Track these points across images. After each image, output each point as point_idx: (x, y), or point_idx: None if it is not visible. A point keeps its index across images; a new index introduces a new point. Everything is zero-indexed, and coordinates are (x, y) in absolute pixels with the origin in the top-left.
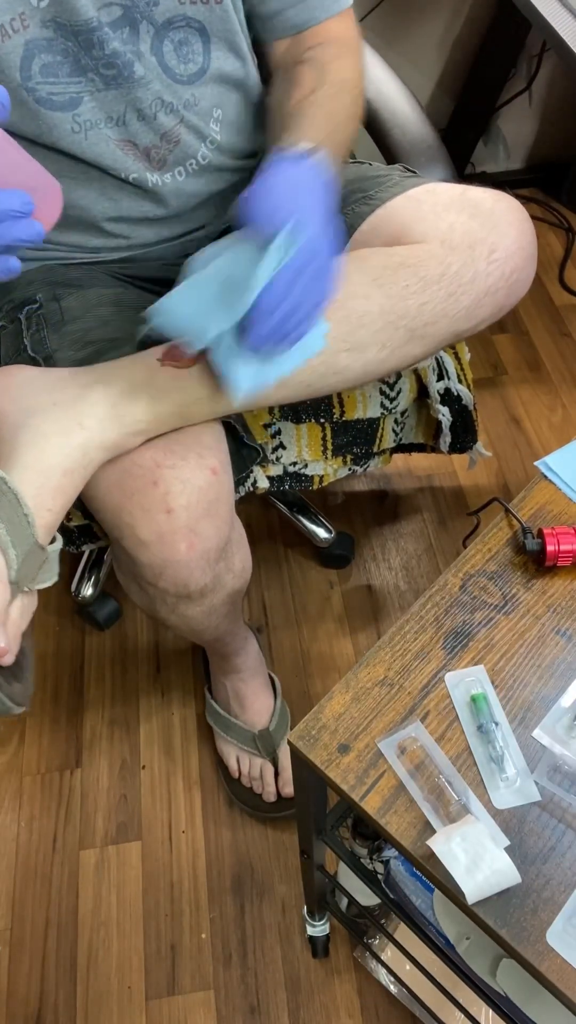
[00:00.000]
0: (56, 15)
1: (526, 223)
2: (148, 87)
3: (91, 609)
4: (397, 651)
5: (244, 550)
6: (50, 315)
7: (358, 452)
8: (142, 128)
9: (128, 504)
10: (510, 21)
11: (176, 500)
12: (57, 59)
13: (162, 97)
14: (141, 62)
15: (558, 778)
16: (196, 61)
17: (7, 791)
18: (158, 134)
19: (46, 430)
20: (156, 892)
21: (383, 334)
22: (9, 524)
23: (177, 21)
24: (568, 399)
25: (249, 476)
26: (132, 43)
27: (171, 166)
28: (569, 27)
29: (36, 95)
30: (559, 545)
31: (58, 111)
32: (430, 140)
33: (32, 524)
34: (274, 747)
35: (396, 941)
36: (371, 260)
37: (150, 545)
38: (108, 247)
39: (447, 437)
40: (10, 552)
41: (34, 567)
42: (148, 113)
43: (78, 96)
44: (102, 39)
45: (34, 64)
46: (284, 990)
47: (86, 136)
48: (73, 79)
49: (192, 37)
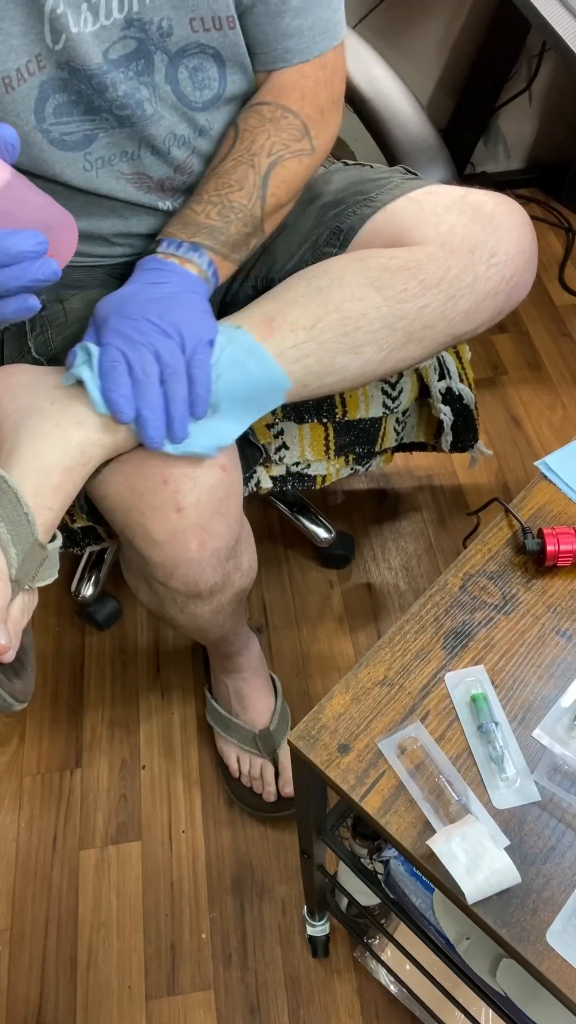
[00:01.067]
0: (69, 59)
1: (527, 226)
2: (160, 123)
3: (91, 609)
4: (397, 651)
5: (251, 549)
6: (53, 317)
7: (360, 452)
8: (155, 162)
9: (139, 503)
10: (510, 21)
11: (186, 498)
12: (72, 99)
13: (175, 131)
14: (155, 95)
15: (558, 778)
16: (212, 87)
17: (7, 791)
18: (172, 167)
19: (45, 429)
20: (156, 892)
21: (381, 336)
22: (9, 523)
23: (191, 49)
24: (568, 399)
25: (252, 476)
26: (147, 75)
27: (184, 192)
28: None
29: (50, 136)
30: (559, 545)
31: (71, 151)
32: (431, 140)
33: (32, 522)
34: (274, 747)
35: (396, 941)
36: (370, 262)
37: (162, 544)
38: (113, 254)
39: (449, 436)
40: (10, 550)
41: (34, 565)
42: (162, 148)
43: (92, 134)
44: (113, 81)
45: (48, 106)
46: (284, 990)
47: (97, 174)
48: (86, 118)
49: (207, 63)
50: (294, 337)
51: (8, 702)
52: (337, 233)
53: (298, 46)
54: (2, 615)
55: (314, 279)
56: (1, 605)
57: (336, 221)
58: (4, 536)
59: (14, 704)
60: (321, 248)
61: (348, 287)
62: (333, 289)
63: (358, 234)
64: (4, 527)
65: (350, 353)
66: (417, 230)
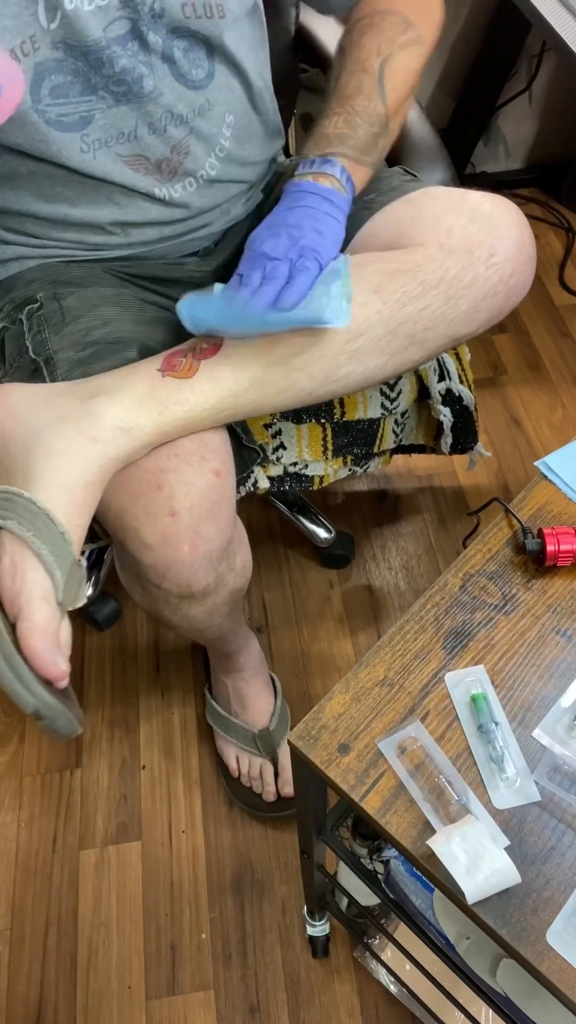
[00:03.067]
0: (66, 36)
1: (524, 227)
2: (158, 100)
3: (91, 609)
4: (397, 651)
5: (245, 549)
6: (51, 315)
7: (358, 453)
8: (153, 141)
9: (133, 507)
10: (510, 21)
11: (180, 503)
12: (68, 79)
13: (172, 110)
14: (153, 74)
15: (558, 778)
16: (203, 67)
17: (7, 791)
18: (169, 146)
19: (59, 447)
20: (156, 892)
21: (383, 341)
22: (50, 544)
23: (182, 32)
24: (568, 399)
25: (250, 476)
26: (144, 54)
27: (180, 177)
28: (569, 27)
29: (46, 117)
30: (559, 545)
31: (68, 132)
32: (430, 140)
33: (69, 542)
34: (274, 747)
35: (396, 941)
36: (369, 267)
37: (154, 547)
38: (109, 244)
39: (448, 438)
40: (56, 573)
41: (75, 586)
42: (159, 126)
43: (88, 115)
44: (111, 57)
45: (44, 87)
46: (284, 990)
47: (95, 156)
48: (83, 98)
49: (195, 46)
50: (299, 345)
51: (74, 726)
52: None
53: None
54: (56, 640)
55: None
56: (55, 630)
57: None
58: (48, 559)
59: (78, 728)
60: None
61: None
62: None
63: (356, 237)
64: (47, 549)
65: (353, 360)
66: (415, 231)
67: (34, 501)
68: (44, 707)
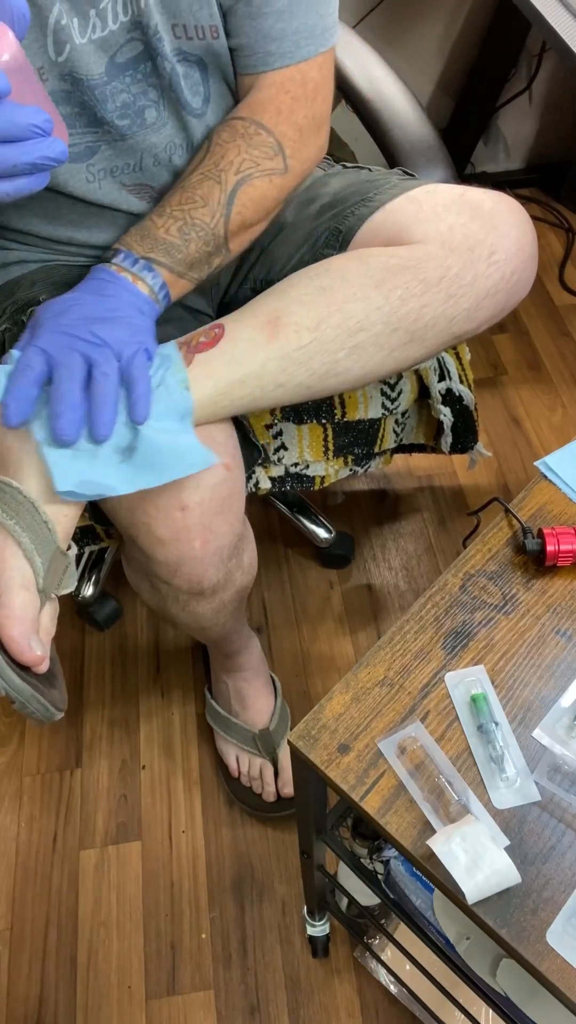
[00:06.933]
0: (72, 69)
1: (526, 224)
2: (161, 131)
3: (91, 609)
4: (397, 651)
5: (252, 546)
6: None
7: (359, 453)
8: (157, 171)
9: (143, 502)
10: (510, 21)
11: (190, 497)
12: (75, 111)
13: (175, 140)
14: (162, 99)
15: (558, 778)
16: (200, 93)
17: (7, 791)
18: (172, 174)
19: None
20: (156, 892)
21: (383, 337)
22: (31, 532)
23: (180, 53)
24: (568, 399)
25: (251, 477)
26: (154, 76)
27: None
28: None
29: None
30: (559, 545)
31: (74, 162)
32: (431, 140)
33: (53, 530)
34: (274, 747)
35: (396, 941)
36: (371, 262)
37: (166, 542)
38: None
39: (448, 437)
40: (36, 560)
41: (58, 573)
42: (163, 157)
43: (94, 145)
44: (113, 92)
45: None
46: (284, 990)
47: (100, 185)
48: (90, 129)
49: (192, 70)
50: (298, 339)
51: (50, 711)
52: (336, 234)
53: (280, 49)
54: (34, 626)
55: (316, 278)
56: (32, 616)
57: (335, 222)
58: (28, 546)
59: (55, 713)
60: (320, 250)
61: (350, 287)
62: (336, 289)
63: (357, 234)
64: (27, 537)
65: (353, 355)
66: (416, 229)
67: (20, 490)
68: (14, 691)
